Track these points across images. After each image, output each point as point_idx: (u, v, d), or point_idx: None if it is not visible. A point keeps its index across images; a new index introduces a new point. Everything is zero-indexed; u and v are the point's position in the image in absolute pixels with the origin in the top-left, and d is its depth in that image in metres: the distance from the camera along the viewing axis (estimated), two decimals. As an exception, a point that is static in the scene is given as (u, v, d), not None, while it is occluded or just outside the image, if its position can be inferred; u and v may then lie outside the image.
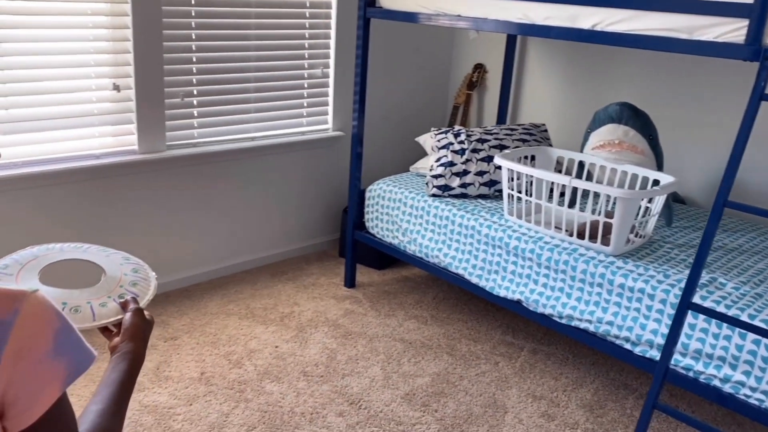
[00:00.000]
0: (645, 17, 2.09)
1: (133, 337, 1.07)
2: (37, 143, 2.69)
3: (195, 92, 3.09)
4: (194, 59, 3.04)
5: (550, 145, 3.24)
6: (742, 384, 2.03)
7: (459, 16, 2.65)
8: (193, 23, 2.99)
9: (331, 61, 3.56)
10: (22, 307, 0.74)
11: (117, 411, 0.94)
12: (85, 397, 2.32)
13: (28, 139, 2.66)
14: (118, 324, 1.12)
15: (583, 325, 2.43)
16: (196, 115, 3.13)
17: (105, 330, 1.14)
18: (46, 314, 0.76)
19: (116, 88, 2.83)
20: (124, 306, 1.13)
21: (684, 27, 2.00)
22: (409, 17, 2.84)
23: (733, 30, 1.90)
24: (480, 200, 3.02)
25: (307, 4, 3.38)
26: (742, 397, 2.04)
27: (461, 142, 3.06)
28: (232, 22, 3.12)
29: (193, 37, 3.01)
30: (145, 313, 1.13)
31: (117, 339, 1.08)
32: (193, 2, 2.96)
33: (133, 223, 3.02)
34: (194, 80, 3.07)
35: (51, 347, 0.76)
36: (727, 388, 2.07)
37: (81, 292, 1.12)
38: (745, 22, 1.86)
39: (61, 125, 2.73)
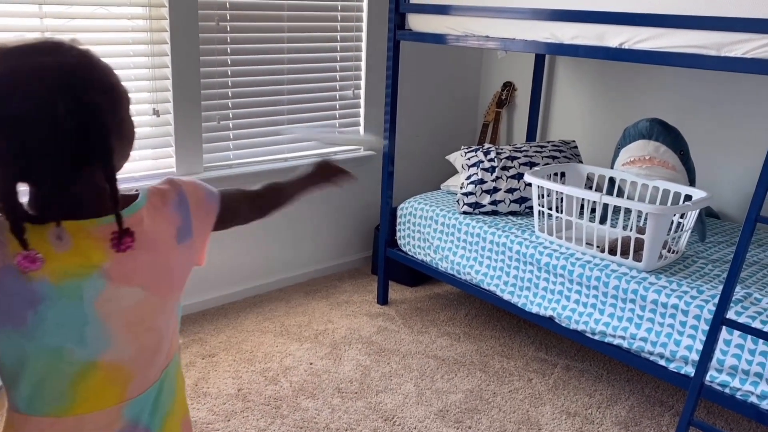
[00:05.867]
0: (672, 35, 2.10)
1: (319, 165, 1.40)
2: (81, 167, 2.80)
3: (231, 115, 3.18)
4: (230, 83, 3.14)
5: (580, 162, 3.25)
6: (780, 400, 2.01)
7: (487, 37, 2.70)
8: (228, 49, 3.09)
9: (362, 82, 3.63)
10: (182, 185, 1.15)
11: (282, 189, 1.33)
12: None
13: (72, 163, 2.77)
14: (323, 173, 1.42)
15: (616, 342, 2.43)
16: (231, 137, 3.21)
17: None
18: (194, 184, 1.17)
19: (156, 112, 2.94)
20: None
21: (712, 44, 2.02)
22: (438, 39, 2.89)
23: (761, 46, 1.91)
24: (511, 217, 3.04)
25: (338, 28, 3.46)
26: (780, 414, 2.02)
27: (491, 160, 3.09)
28: (265, 47, 3.21)
29: (229, 62, 3.11)
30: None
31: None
32: (228, 29, 3.06)
33: (171, 243, 3.11)
34: (230, 104, 3.16)
35: (205, 193, 1.18)
36: (764, 405, 2.05)
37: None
38: (774, 38, 1.87)
39: (103, 149, 2.84)
